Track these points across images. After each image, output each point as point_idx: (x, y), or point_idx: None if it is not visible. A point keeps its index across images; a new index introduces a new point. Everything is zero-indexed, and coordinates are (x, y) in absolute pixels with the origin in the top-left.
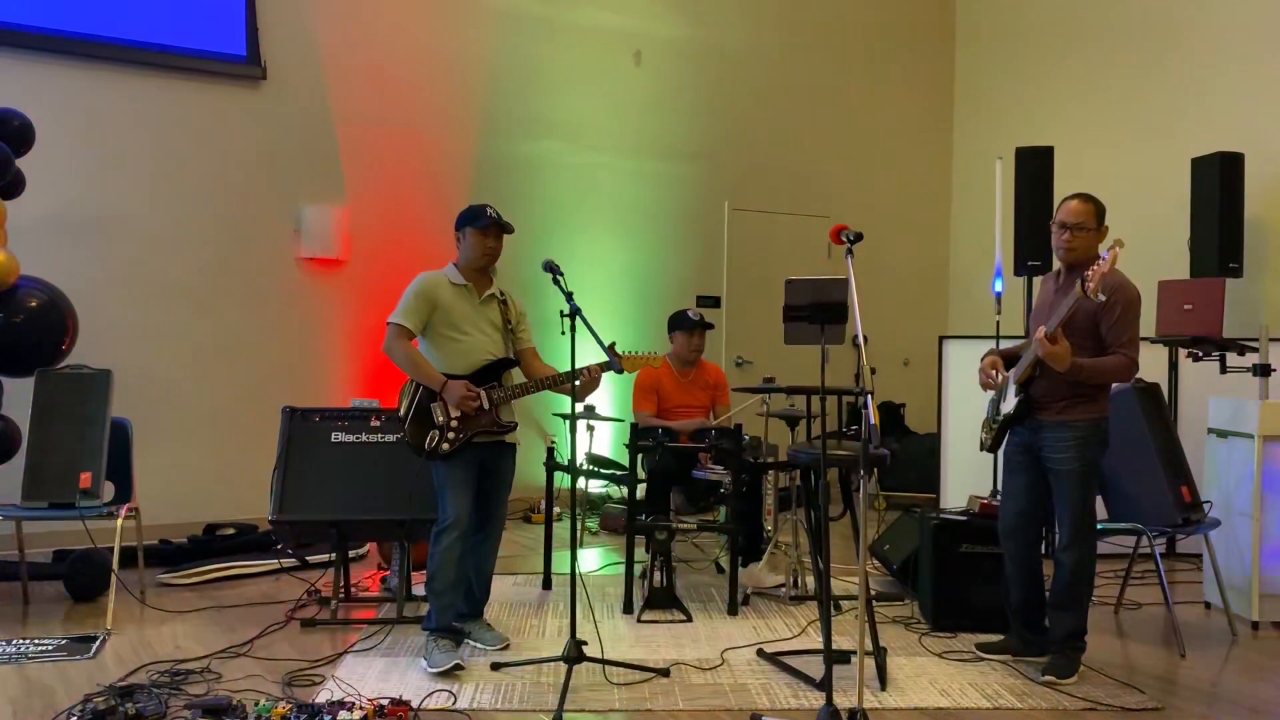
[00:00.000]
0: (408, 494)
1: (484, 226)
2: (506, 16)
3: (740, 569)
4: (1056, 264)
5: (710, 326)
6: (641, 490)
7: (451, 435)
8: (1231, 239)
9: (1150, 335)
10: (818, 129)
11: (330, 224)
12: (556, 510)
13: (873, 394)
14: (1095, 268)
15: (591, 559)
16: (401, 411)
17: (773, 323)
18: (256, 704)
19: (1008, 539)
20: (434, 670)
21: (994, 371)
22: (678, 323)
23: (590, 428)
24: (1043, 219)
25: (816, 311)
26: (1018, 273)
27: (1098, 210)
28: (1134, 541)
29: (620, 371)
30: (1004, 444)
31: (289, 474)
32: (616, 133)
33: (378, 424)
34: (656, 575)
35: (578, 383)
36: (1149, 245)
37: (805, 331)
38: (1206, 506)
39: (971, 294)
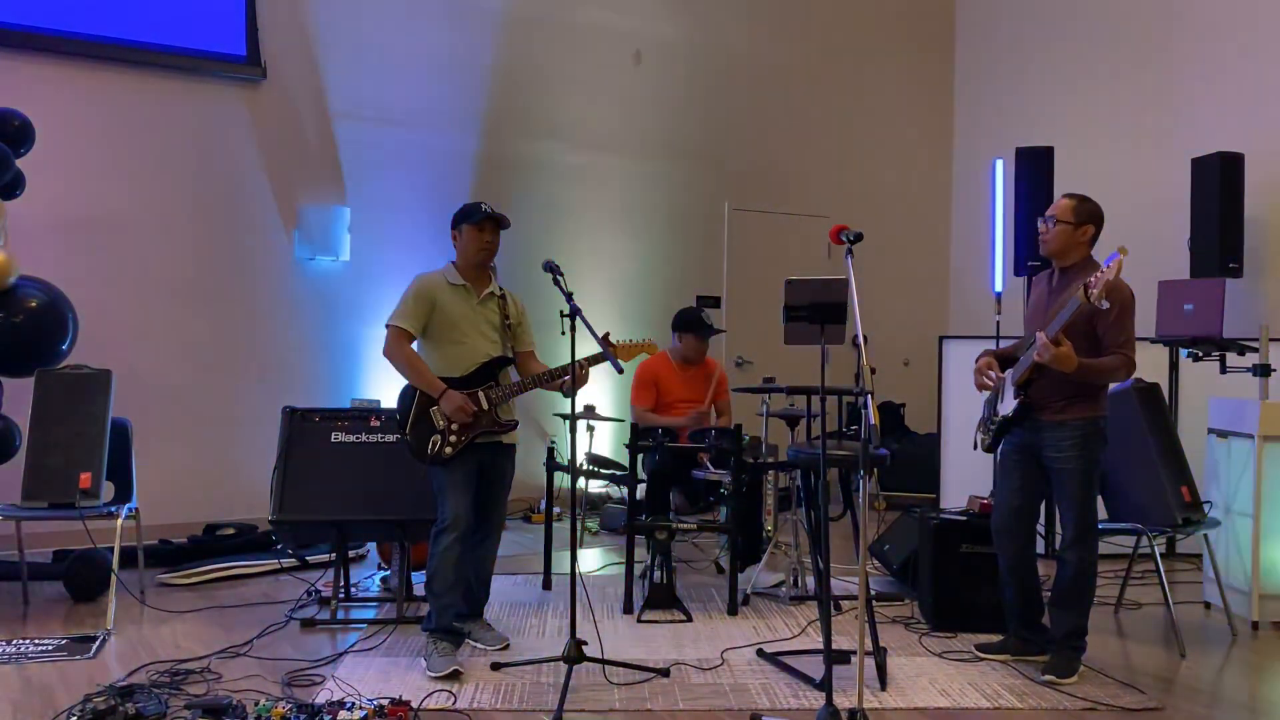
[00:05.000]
0: (408, 494)
1: (479, 221)
2: (507, 16)
3: (739, 574)
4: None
5: (722, 331)
6: (641, 490)
7: (453, 439)
8: (1231, 239)
9: (1150, 335)
10: (818, 129)
11: (330, 224)
12: (556, 510)
13: (873, 394)
14: (1099, 275)
15: (591, 559)
16: (401, 417)
17: (773, 323)
18: (256, 704)
19: (1001, 538)
20: (433, 674)
21: (990, 372)
22: (691, 325)
23: (590, 428)
24: (1043, 219)
25: (816, 311)
26: (1018, 273)
27: (1079, 208)
28: (1134, 541)
29: (620, 371)
30: (1001, 444)
31: (289, 474)
32: (616, 133)
33: (378, 424)
34: (656, 575)
35: (570, 378)
36: (1149, 245)
37: (805, 331)
38: (1206, 506)
39: (971, 294)
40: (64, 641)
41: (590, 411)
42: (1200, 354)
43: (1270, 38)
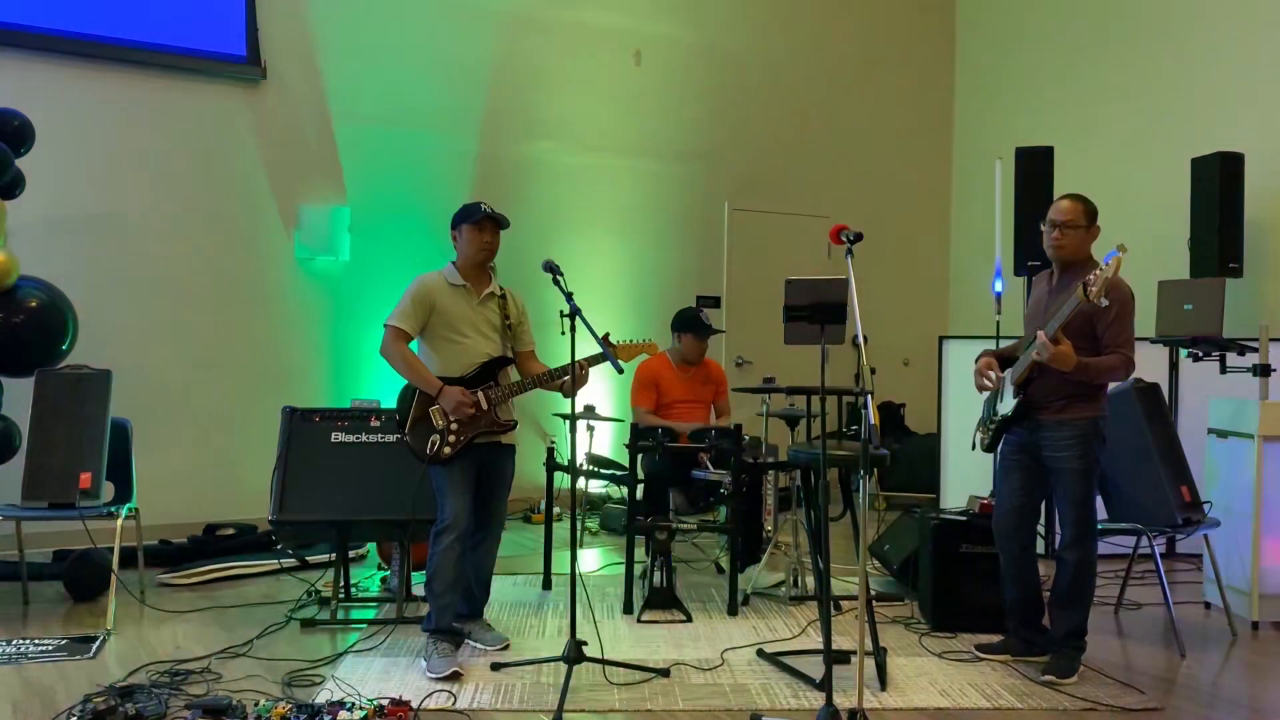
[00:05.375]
0: (409, 494)
1: (478, 221)
2: (506, 16)
3: (739, 574)
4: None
5: (721, 331)
6: (641, 490)
7: (452, 439)
8: (1231, 239)
9: (1150, 335)
10: (818, 129)
11: (330, 224)
12: (556, 510)
13: (873, 394)
14: (1099, 273)
15: (591, 559)
16: (400, 417)
17: (773, 323)
18: (256, 704)
19: (1002, 538)
20: (433, 676)
21: (990, 372)
22: (690, 325)
23: (590, 428)
24: (1043, 219)
25: (816, 311)
26: (1018, 273)
27: (1087, 209)
28: (1134, 541)
29: (620, 371)
30: (1000, 444)
31: (289, 474)
32: (616, 133)
33: (377, 424)
34: (656, 575)
35: (570, 378)
36: (1149, 245)
37: (805, 331)
38: (1206, 506)
39: (971, 294)
40: (64, 641)
41: (590, 411)
42: (1200, 354)
43: (1270, 38)
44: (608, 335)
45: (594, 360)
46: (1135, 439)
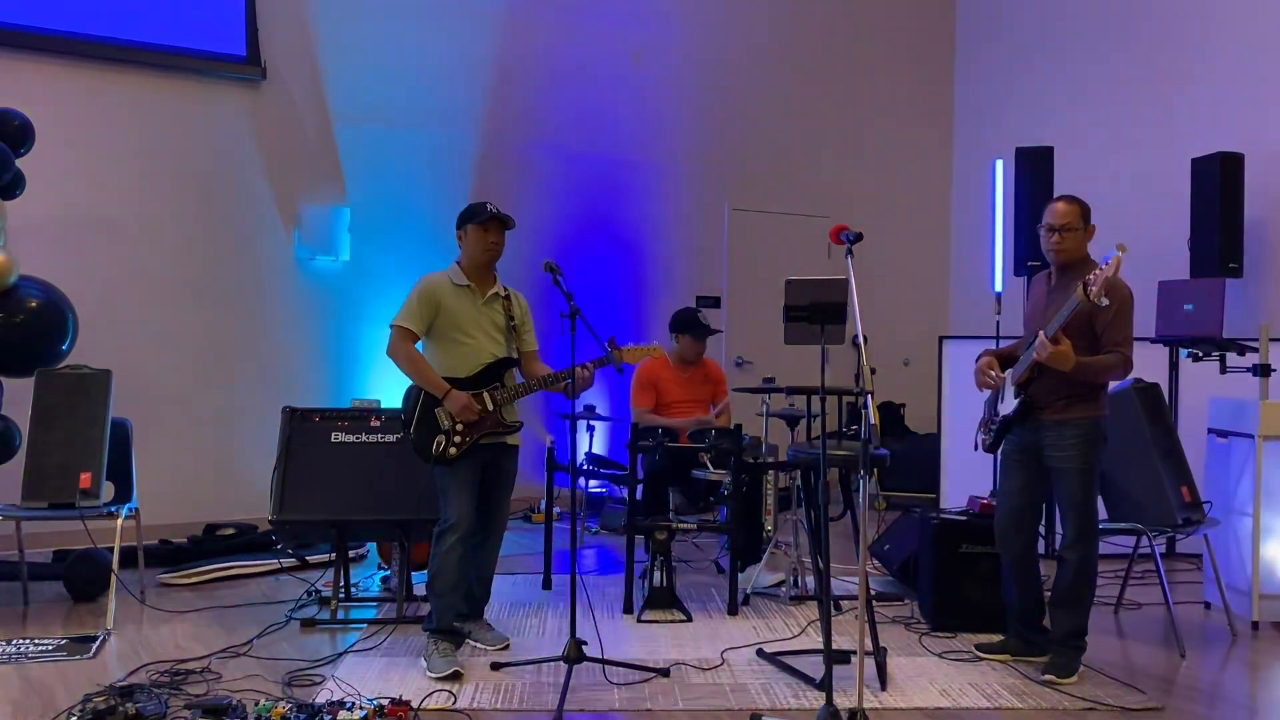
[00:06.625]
0: (409, 494)
1: (484, 221)
2: (506, 16)
3: (739, 574)
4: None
5: (718, 331)
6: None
7: (458, 439)
8: (1231, 239)
9: (1150, 335)
10: (818, 129)
11: (330, 224)
12: (556, 510)
13: (873, 394)
14: (1098, 273)
15: (592, 559)
16: (406, 418)
17: (773, 323)
18: (256, 704)
19: (1003, 538)
20: (433, 675)
21: (992, 372)
22: (688, 326)
23: (590, 428)
24: (1041, 220)
25: (816, 311)
26: (1018, 273)
27: (1083, 210)
28: (1134, 541)
29: (620, 371)
30: (1002, 444)
31: (289, 474)
32: (617, 133)
33: (378, 424)
34: (656, 575)
35: (570, 380)
36: (1149, 245)
37: (805, 331)
38: (1206, 506)
39: (971, 294)
40: (64, 641)
41: (590, 412)
42: (1200, 354)
43: (1270, 38)
44: (613, 339)
45: (598, 363)
46: (1135, 439)
